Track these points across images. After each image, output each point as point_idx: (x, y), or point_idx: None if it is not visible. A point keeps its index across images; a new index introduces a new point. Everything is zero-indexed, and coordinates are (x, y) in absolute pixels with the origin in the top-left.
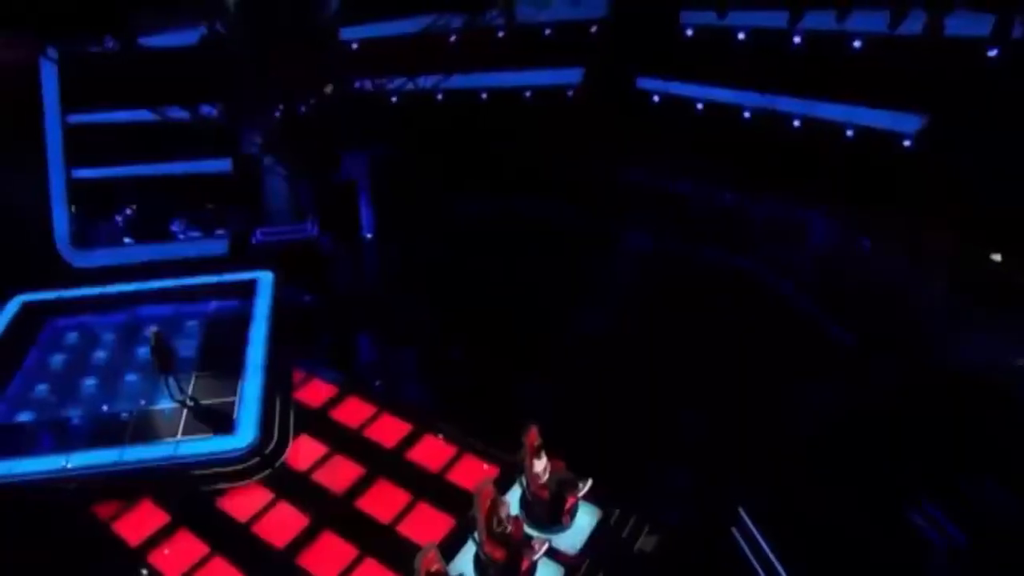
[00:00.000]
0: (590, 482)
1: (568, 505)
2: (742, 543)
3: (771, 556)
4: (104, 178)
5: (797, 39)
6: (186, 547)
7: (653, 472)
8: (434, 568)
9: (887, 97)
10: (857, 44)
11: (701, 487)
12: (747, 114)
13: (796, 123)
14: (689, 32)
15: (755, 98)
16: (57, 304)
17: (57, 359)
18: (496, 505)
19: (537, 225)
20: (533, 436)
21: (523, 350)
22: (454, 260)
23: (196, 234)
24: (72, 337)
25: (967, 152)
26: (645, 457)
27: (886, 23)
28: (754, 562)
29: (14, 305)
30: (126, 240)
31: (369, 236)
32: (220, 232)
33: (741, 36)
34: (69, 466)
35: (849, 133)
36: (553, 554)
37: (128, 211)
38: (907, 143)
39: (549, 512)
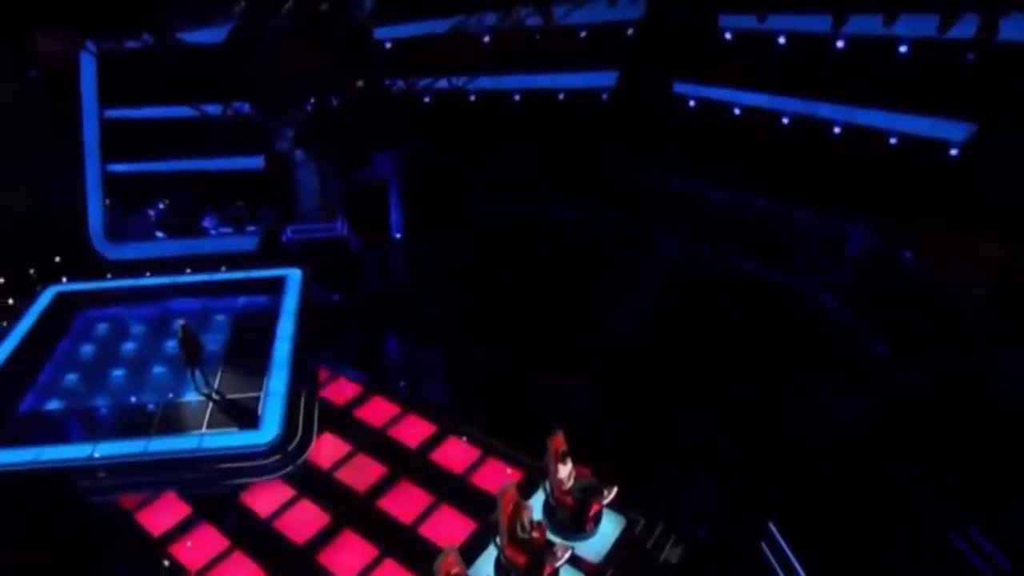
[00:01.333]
0: (615, 490)
1: (592, 512)
2: (771, 558)
3: (801, 573)
4: (138, 173)
5: (840, 43)
6: (207, 540)
7: (680, 482)
8: (454, 572)
9: (934, 104)
10: (904, 48)
11: (730, 499)
12: (786, 120)
13: (836, 129)
14: (728, 36)
15: (794, 104)
16: (89, 295)
17: (87, 349)
18: (519, 509)
19: (567, 228)
20: (558, 441)
21: (552, 354)
22: (483, 261)
23: (227, 230)
24: (103, 328)
25: (1017, 162)
26: (672, 466)
27: (936, 26)
28: None
29: (48, 295)
30: (158, 234)
31: (398, 236)
32: (251, 229)
33: (782, 40)
34: (96, 455)
35: (892, 140)
36: (576, 562)
37: (161, 206)
38: (953, 151)
39: (572, 519)
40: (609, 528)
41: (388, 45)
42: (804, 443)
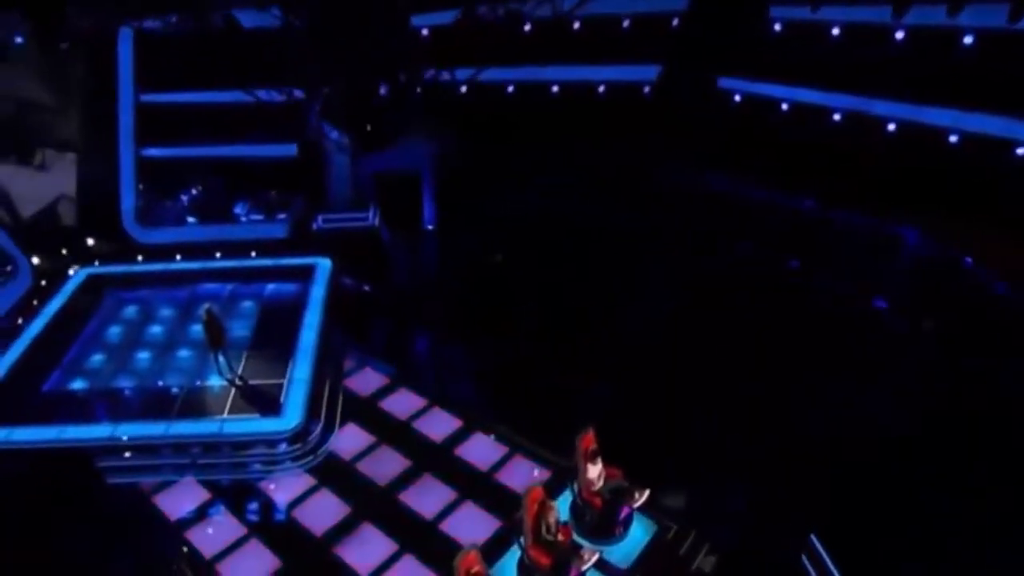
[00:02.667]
0: (647, 493)
1: (622, 515)
2: (812, 572)
3: None
4: (172, 158)
5: (900, 34)
6: (224, 527)
7: (715, 488)
8: (474, 570)
9: (1000, 100)
10: (969, 40)
11: (768, 508)
12: (837, 116)
13: (891, 127)
14: (777, 27)
15: (847, 100)
16: (120, 278)
17: (114, 331)
18: (545, 509)
19: (599, 225)
20: (589, 440)
21: (585, 353)
22: (516, 256)
23: (258, 217)
24: (131, 311)
25: None
26: (708, 472)
27: (1005, 17)
28: None
29: (79, 277)
30: (189, 219)
31: (430, 228)
32: (282, 216)
33: (836, 31)
34: (116, 435)
35: (952, 139)
36: (603, 566)
37: (193, 191)
38: (1021, 151)
39: (601, 521)
40: (639, 533)
41: (425, 32)
42: (847, 450)
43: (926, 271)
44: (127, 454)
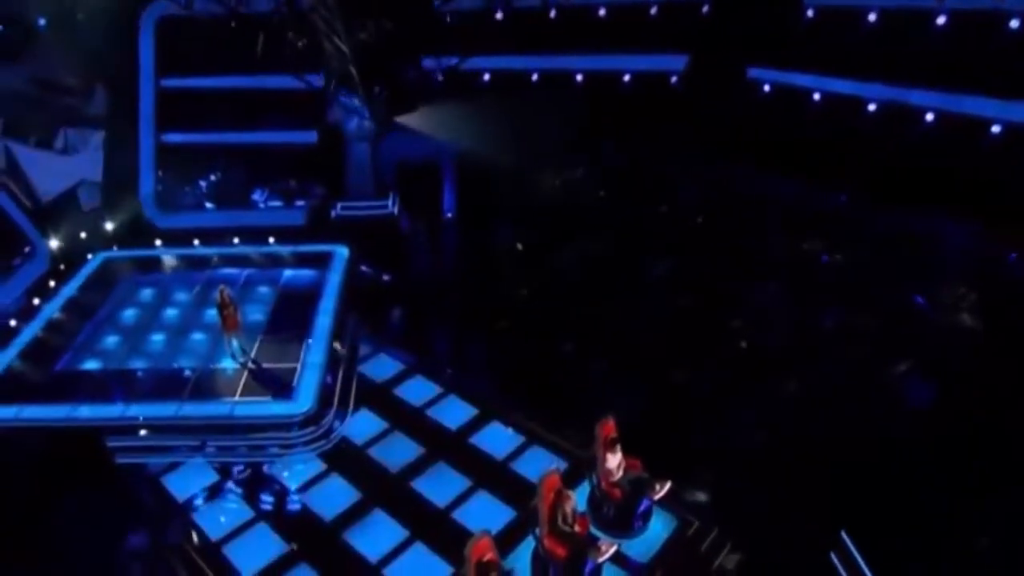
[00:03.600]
0: (669, 484)
1: (641, 508)
2: (841, 570)
3: None
4: (191, 144)
5: (942, 19)
6: (232, 509)
7: (739, 484)
8: (487, 557)
9: None
10: (1015, 24)
11: (794, 505)
12: (872, 107)
13: (929, 117)
14: (810, 12)
15: (882, 89)
16: (136, 262)
17: (129, 313)
18: (561, 498)
19: (627, 216)
20: (608, 428)
21: (608, 345)
22: (536, 246)
23: (277, 204)
24: (147, 294)
25: None
26: (732, 467)
27: None
28: None
29: (96, 260)
30: (207, 205)
31: (449, 215)
32: (300, 204)
33: (872, 17)
34: (127, 415)
35: (995, 129)
36: (620, 561)
37: (212, 178)
38: None
39: (619, 513)
40: (658, 528)
41: (448, 19)
42: (872, 448)
43: (968, 267)
44: (138, 433)
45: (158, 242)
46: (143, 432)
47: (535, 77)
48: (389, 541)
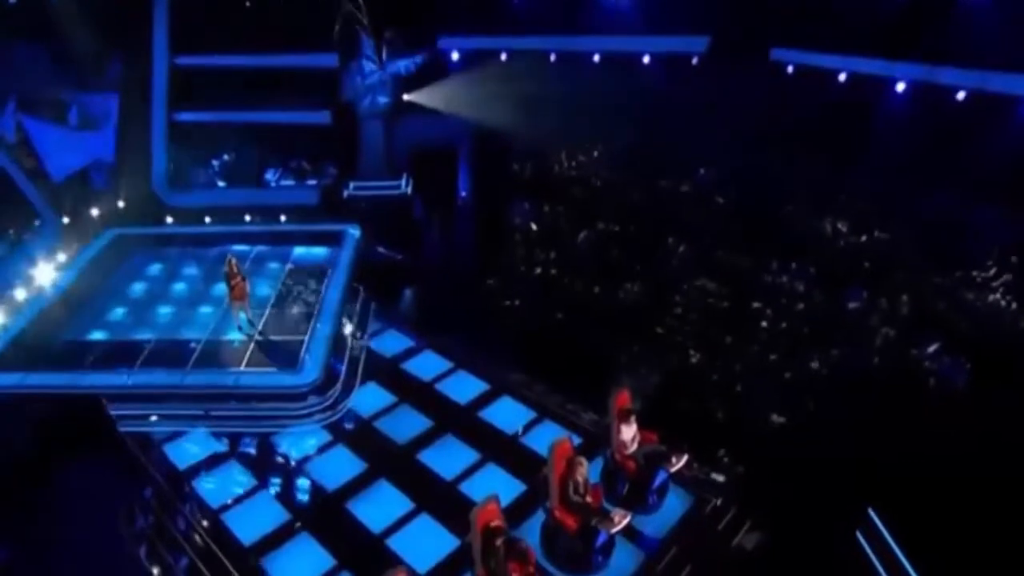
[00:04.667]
0: (685, 457)
1: (657, 482)
2: (868, 549)
3: (907, 567)
4: (205, 123)
5: None
6: (233, 478)
7: (760, 464)
8: (494, 524)
9: None
10: None
11: (819, 484)
12: (901, 86)
13: (960, 95)
14: None
15: (910, 68)
16: (147, 238)
17: (138, 287)
18: (573, 466)
19: (645, 194)
20: (623, 399)
21: (625, 324)
22: (552, 227)
23: (289, 183)
24: (156, 268)
25: None
26: (753, 447)
27: None
28: (882, 572)
29: (107, 236)
30: (220, 184)
31: (464, 195)
32: (312, 183)
33: None
34: (130, 382)
35: None
36: (634, 536)
37: (225, 157)
38: None
39: (634, 487)
40: (675, 504)
41: None
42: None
43: (1002, 247)
44: (140, 402)
45: (169, 219)
46: (140, 403)
47: (553, 58)
48: (394, 512)
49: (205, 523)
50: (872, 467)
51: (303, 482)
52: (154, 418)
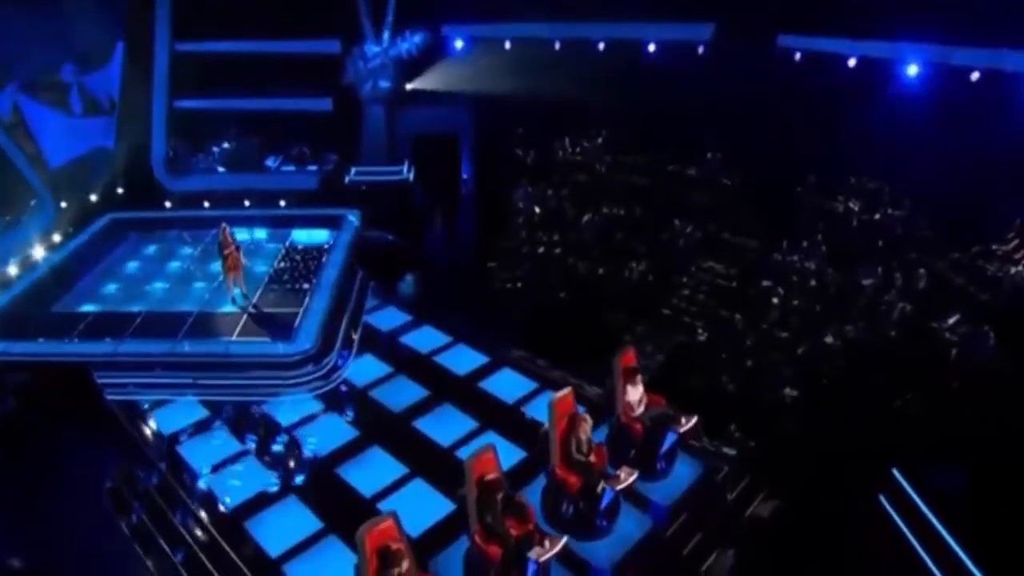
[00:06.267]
0: (695, 419)
1: (665, 446)
2: (894, 513)
3: (941, 530)
4: (206, 109)
5: None
6: (220, 443)
7: (774, 432)
8: (490, 475)
9: None
10: None
11: (838, 453)
12: (914, 68)
13: (974, 76)
14: None
15: (923, 49)
16: (144, 221)
17: (132, 265)
18: (576, 422)
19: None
20: (628, 357)
21: (630, 304)
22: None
23: (289, 169)
24: (152, 249)
25: None
26: (764, 417)
27: None
28: (911, 537)
29: (103, 220)
30: (220, 170)
31: (465, 179)
32: (313, 169)
33: None
34: (119, 350)
35: None
36: (640, 502)
37: (226, 144)
38: None
39: (641, 450)
40: (684, 472)
41: None
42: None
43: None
44: (127, 370)
45: (167, 204)
46: (126, 371)
47: (557, 45)
48: (386, 477)
49: (188, 487)
50: (894, 432)
51: (292, 448)
52: (140, 386)
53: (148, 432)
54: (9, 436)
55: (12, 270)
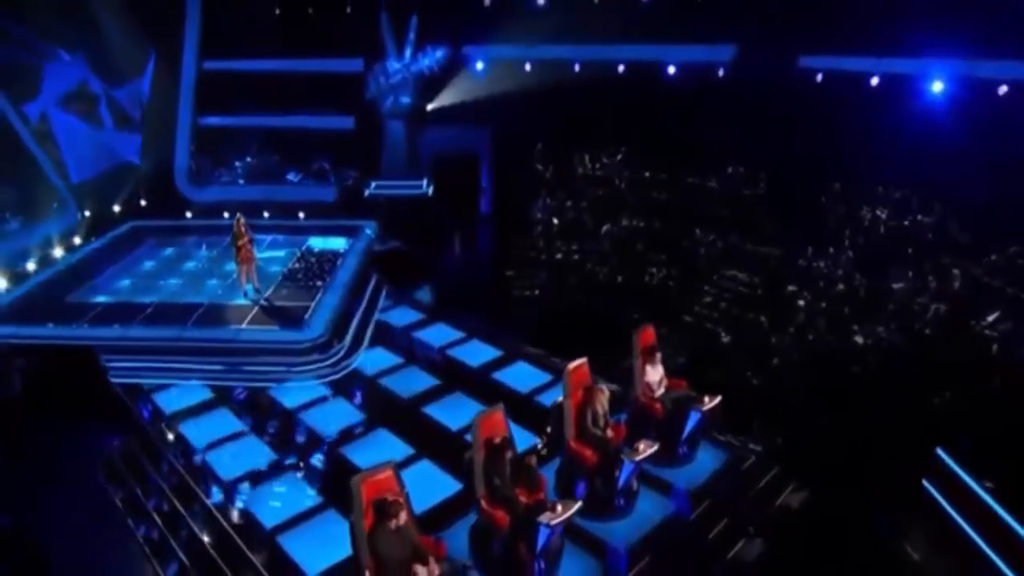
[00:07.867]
0: (719, 398)
1: (688, 429)
2: (938, 496)
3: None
4: (229, 126)
5: None
6: (222, 423)
7: (802, 427)
8: (498, 438)
9: None
10: None
11: (874, 444)
12: (938, 84)
13: (1002, 90)
14: None
15: (950, 64)
16: (164, 228)
17: (149, 264)
18: (592, 395)
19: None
20: (648, 335)
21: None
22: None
23: (309, 183)
24: (169, 251)
25: None
26: (791, 413)
27: None
28: (960, 520)
29: (124, 226)
30: (240, 182)
31: (485, 193)
32: (332, 181)
33: None
34: (126, 335)
35: None
36: (662, 486)
37: (248, 159)
38: None
39: (662, 432)
40: (707, 460)
41: (487, 3)
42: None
43: None
44: (135, 354)
45: (188, 214)
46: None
47: (577, 68)
48: (392, 456)
49: (186, 464)
50: (932, 428)
51: (297, 429)
52: (147, 370)
53: (150, 413)
54: (10, 417)
55: (31, 266)
